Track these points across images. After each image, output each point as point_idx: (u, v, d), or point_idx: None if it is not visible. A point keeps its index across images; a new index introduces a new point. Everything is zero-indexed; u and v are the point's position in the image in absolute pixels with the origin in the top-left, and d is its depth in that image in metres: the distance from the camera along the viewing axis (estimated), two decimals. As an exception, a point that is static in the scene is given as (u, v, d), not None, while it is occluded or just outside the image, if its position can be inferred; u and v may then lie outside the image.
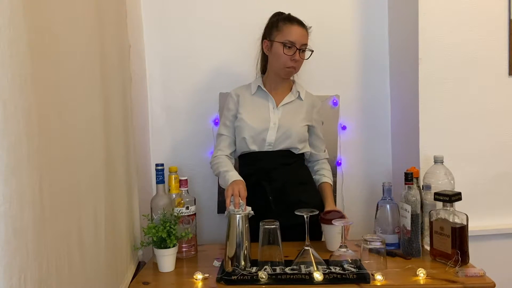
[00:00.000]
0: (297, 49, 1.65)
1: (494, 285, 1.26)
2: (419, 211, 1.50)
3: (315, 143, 1.81)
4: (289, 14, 1.72)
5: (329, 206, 1.69)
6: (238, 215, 1.40)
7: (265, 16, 1.75)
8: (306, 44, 1.68)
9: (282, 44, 1.65)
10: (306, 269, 1.35)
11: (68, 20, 0.96)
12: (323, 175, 1.80)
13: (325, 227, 1.57)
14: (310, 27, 1.72)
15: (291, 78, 1.82)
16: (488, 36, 1.80)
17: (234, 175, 1.60)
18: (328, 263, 1.39)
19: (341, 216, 1.55)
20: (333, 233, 1.55)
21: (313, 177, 1.81)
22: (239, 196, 1.47)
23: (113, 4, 1.40)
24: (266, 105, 1.74)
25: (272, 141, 1.69)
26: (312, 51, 1.71)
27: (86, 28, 1.09)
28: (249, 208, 1.47)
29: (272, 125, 1.69)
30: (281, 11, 1.75)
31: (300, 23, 1.68)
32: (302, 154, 1.76)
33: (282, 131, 1.69)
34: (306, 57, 1.71)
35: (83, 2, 1.07)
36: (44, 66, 0.81)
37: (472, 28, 1.79)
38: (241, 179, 1.59)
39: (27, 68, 0.72)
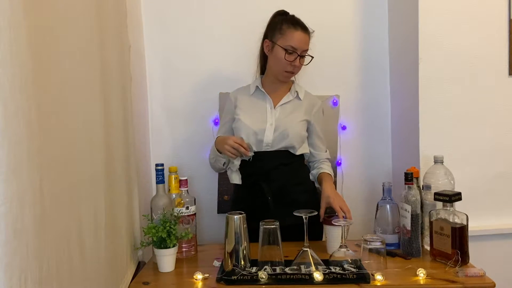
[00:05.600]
0: (298, 55, 1.64)
1: (494, 285, 1.26)
2: (419, 211, 1.50)
3: (315, 143, 1.78)
4: (293, 16, 1.69)
5: (326, 190, 1.62)
6: (235, 216, 1.40)
7: (266, 16, 1.74)
8: (307, 50, 1.67)
9: (283, 49, 1.64)
10: (306, 269, 1.35)
11: (68, 20, 0.96)
12: (322, 168, 1.74)
13: (327, 228, 1.57)
14: (313, 31, 1.69)
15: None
16: (488, 36, 1.80)
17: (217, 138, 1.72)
18: (328, 263, 1.39)
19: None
20: (335, 235, 1.54)
21: (311, 172, 1.78)
22: (237, 142, 1.58)
23: (113, 4, 1.40)
24: (263, 106, 1.74)
25: (269, 141, 1.68)
26: (312, 57, 1.69)
27: (86, 28, 1.08)
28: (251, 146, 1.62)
29: (269, 126, 1.69)
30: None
31: (303, 28, 1.65)
32: (302, 155, 1.76)
33: (279, 131, 1.68)
34: (305, 63, 1.70)
35: (83, 2, 1.07)
36: (44, 66, 0.81)
37: (472, 28, 1.79)
38: (221, 135, 1.73)
39: (27, 68, 0.72)
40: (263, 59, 1.78)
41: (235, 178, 1.71)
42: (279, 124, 1.69)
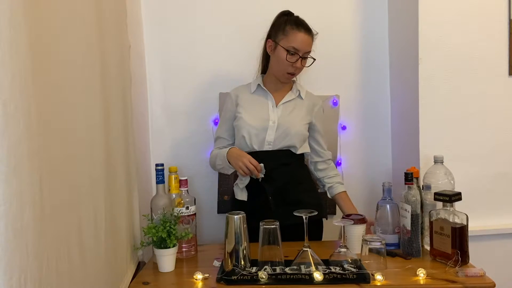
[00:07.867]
0: (300, 56, 1.64)
1: (494, 285, 1.26)
2: (419, 211, 1.50)
3: (318, 141, 1.79)
4: (297, 17, 1.69)
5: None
6: (235, 216, 1.40)
7: (265, 17, 1.74)
8: (309, 52, 1.67)
9: (285, 50, 1.63)
10: (306, 269, 1.35)
11: (68, 20, 0.96)
12: (339, 182, 1.79)
13: (346, 228, 1.54)
14: (317, 33, 1.69)
15: (292, 78, 1.82)
16: (488, 36, 1.80)
17: (228, 149, 1.68)
18: (328, 263, 1.39)
19: (363, 219, 1.56)
20: (355, 234, 1.53)
21: (325, 180, 1.79)
22: (252, 164, 1.58)
23: (113, 4, 1.40)
24: (265, 104, 1.74)
25: (271, 140, 1.68)
26: (314, 59, 1.69)
27: (86, 28, 1.08)
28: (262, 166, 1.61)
29: (271, 124, 1.69)
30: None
31: (307, 30, 1.65)
32: (302, 154, 1.76)
33: (282, 129, 1.68)
34: (307, 65, 1.70)
35: (83, 2, 1.07)
36: (44, 66, 0.81)
37: (472, 28, 1.79)
38: (236, 147, 1.70)
39: (27, 68, 0.72)
40: (266, 58, 1.78)
41: (242, 196, 1.72)
42: (281, 122, 1.69)
